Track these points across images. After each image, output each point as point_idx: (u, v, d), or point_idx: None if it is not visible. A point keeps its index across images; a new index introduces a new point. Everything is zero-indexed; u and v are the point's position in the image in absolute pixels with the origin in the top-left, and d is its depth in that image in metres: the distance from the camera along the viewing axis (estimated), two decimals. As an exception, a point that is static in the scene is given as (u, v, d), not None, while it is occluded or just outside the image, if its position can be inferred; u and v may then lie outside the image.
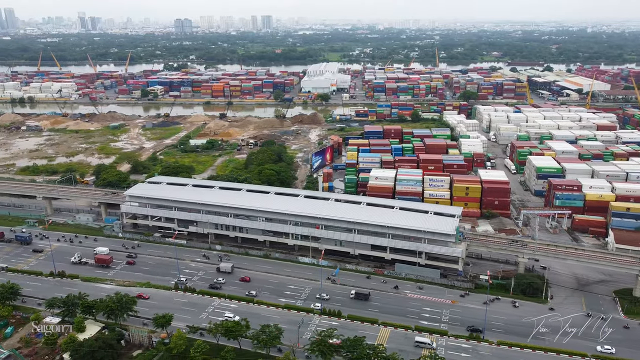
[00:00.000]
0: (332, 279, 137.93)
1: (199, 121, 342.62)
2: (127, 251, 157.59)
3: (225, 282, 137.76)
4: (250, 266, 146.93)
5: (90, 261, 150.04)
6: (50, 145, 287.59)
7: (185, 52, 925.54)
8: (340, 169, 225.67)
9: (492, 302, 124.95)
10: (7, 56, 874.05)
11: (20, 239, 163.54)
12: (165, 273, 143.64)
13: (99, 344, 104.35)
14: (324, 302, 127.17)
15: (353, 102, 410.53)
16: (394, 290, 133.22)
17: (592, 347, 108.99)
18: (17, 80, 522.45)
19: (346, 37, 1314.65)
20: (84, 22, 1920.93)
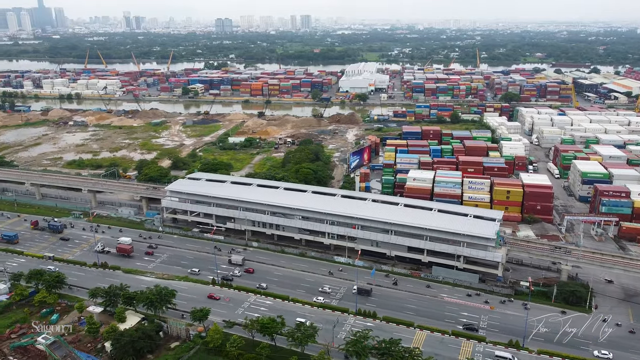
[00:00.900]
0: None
1: (238, 119, 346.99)
2: (147, 241, 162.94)
3: (241, 275, 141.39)
4: (279, 262, 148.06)
5: (113, 250, 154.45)
6: (95, 140, 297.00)
7: (225, 51, 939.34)
8: (377, 170, 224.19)
9: (529, 309, 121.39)
10: (56, 54, 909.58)
11: (53, 227, 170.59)
12: (203, 267, 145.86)
13: (139, 335, 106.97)
14: (326, 296, 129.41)
15: (391, 103, 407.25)
16: (428, 291, 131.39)
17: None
18: (65, 77, 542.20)
19: (385, 37, 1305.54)
20: (128, 22, 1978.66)
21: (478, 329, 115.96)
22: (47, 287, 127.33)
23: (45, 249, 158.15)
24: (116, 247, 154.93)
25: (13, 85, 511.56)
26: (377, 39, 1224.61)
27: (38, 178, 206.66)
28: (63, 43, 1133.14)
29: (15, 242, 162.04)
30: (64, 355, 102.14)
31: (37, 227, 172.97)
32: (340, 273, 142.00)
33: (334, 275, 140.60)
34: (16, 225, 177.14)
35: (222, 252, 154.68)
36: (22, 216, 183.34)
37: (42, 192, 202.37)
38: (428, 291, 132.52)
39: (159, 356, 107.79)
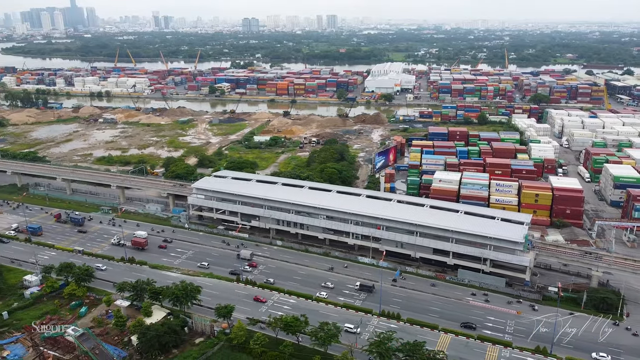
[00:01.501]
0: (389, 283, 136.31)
1: (263, 118, 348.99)
2: (162, 235, 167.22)
3: (252, 271, 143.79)
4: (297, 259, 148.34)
5: (128, 243, 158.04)
6: (124, 137, 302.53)
7: (251, 50, 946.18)
8: (402, 170, 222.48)
9: (562, 317, 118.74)
10: (87, 52, 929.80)
11: (74, 220, 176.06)
12: (228, 265, 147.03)
13: (165, 329, 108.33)
14: (329, 291, 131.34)
15: (417, 103, 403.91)
16: (453, 293, 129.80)
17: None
18: (96, 75, 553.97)
19: (411, 37, 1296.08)
20: (157, 21, 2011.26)
21: (476, 327, 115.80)
22: (76, 280, 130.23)
23: (64, 241, 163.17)
24: (131, 240, 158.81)
25: (46, 83, 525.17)
26: (404, 39, 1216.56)
27: (69, 173, 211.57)
28: (94, 42, 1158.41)
29: (39, 234, 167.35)
30: (92, 347, 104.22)
31: (60, 220, 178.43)
32: (368, 275, 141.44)
33: (359, 275, 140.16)
34: (41, 217, 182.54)
35: (231, 247, 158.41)
36: (45, 209, 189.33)
37: (72, 188, 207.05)
38: (453, 294, 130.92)
39: (184, 351, 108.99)
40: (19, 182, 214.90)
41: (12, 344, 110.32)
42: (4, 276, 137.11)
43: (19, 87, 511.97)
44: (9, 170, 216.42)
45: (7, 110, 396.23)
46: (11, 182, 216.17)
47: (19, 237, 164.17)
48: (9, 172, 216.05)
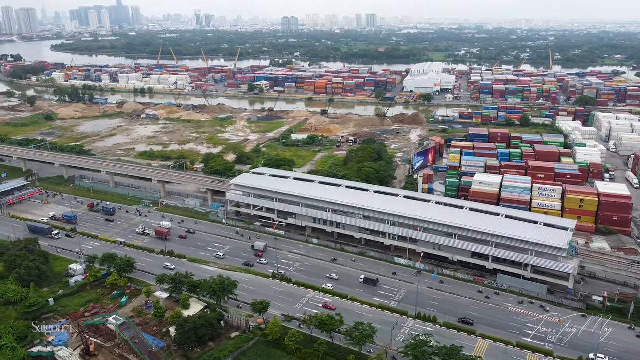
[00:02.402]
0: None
1: (301, 116, 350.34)
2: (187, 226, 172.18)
3: (267, 262, 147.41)
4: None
5: (152, 233, 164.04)
6: (165, 133, 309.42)
7: (290, 49, 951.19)
8: (441, 172, 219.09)
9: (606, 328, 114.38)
10: (132, 50, 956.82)
11: (106, 210, 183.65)
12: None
13: (202, 322, 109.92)
14: (333, 282, 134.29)
15: (457, 104, 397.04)
16: (492, 298, 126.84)
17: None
18: (139, 72, 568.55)
19: (452, 37, 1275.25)
20: (199, 20, 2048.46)
21: (473, 323, 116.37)
22: (118, 270, 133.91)
23: (93, 229, 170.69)
24: (155, 230, 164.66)
25: (92, 79, 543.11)
26: (444, 39, 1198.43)
27: (113, 167, 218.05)
28: (138, 40, 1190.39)
29: (74, 222, 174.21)
30: (132, 336, 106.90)
31: (93, 209, 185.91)
32: (404, 276, 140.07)
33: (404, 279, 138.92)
34: (77, 207, 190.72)
35: (244, 238, 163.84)
36: (79, 199, 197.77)
37: (116, 181, 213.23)
38: (492, 299, 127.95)
39: (220, 345, 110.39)
40: (66, 174, 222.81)
41: (58, 330, 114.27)
42: (50, 264, 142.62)
43: (67, 82, 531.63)
44: (57, 163, 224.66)
45: (55, 105, 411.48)
46: (59, 174, 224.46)
47: (65, 227, 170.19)
48: (57, 164, 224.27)
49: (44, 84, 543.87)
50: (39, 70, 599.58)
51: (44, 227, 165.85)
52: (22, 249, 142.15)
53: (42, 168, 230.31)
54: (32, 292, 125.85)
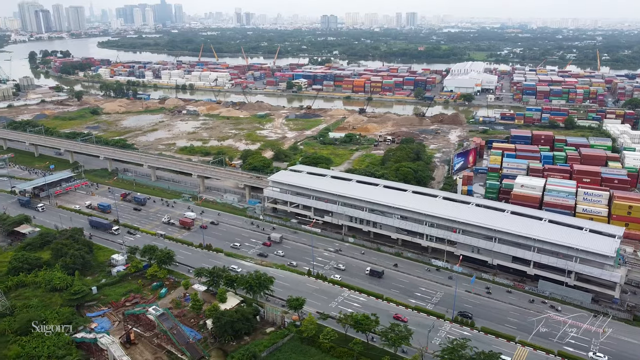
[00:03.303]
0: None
1: (339, 115, 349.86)
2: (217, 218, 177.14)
3: (284, 254, 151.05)
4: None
5: (177, 223, 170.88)
6: (205, 129, 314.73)
7: (329, 47, 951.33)
8: (481, 173, 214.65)
9: None
10: (174, 47, 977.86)
11: (137, 200, 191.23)
12: (299, 258, 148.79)
13: (238, 316, 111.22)
14: (340, 273, 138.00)
15: (498, 104, 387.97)
16: (532, 305, 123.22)
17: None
18: (181, 68, 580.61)
19: (494, 36, 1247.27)
20: (239, 18, 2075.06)
21: (472, 317, 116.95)
22: (158, 262, 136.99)
23: (124, 218, 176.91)
24: (179, 220, 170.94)
25: (136, 75, 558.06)
26: (486, 38, 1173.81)
27: (154, 161, 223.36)
28: (180, 37, 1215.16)
29: (108, 212, 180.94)
30: (170, 327, 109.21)
31: (125, 199, 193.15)
32: (441, 278, 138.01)
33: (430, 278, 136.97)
34: (109, 196, 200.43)
35: (259, 229, 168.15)
36: (112, 189, 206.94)
37: (157, 175, 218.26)
38: (532, 306, 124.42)
39: (255, 339, 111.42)
40: (110, 167, 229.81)
41: (100, 318, 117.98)
42: (94, 254, 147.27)
43: (112, 78, 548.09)
44: (102, 156, 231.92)
45: (101, 100, 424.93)
46: (103, 167, 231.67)
47: (108, 218, 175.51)
48: (102, 157, 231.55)
49: (90, 79, 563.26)
50: (86, 66, 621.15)
51: (105, 222, 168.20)
52: (68, 238, 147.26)
53: (87, 160, 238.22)
54: (76, 280, 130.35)
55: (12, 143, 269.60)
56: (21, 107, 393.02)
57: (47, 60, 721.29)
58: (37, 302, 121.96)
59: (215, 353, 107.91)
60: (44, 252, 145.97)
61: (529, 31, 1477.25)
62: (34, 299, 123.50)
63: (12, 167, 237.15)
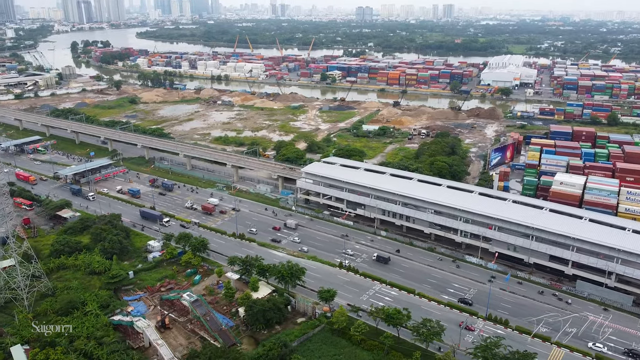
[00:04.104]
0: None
1: (373, 107, 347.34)
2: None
3: (300, 241, 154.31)
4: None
5: (199, 208, 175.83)
6: (239, 119, 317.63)
7: (364, 39, 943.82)
8: (518, 169, 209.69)
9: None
10: (210, 38, 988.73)
11: (165, 186, 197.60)
12: (331, 250, 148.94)
13: (270, 305, 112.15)
14: (348, 258, 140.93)
15: (537, 99, 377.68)
16: (570, 306, 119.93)
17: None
18: (216, 59, 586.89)
19: (534, 29, 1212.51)
20: (274, 9, 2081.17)
21: (472, 304, 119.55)
22: (192, 249, 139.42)
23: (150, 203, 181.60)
24: (201, 205, 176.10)
25: (173, 65, 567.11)
26: (525, 31, 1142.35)
27: (190, 150, 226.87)
28: (216, 28, 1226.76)
29: (137, 197, 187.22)
30: (204, 313, 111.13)
31: (154, 185, 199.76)
32: (475, 275, 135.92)
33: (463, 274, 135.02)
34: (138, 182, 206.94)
35: (276, 217, 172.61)
36: (140, 175, 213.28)
37: (192, 164, 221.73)
38: (569, 307, 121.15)
39: (286, 329, 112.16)
40: (147, 155, 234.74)
41: (136, 302, 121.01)
42: (131, 239, 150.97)
43: (150, 68, 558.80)
44: (139, 144, 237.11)
45: (139, 89, 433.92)
46: (140, 155, 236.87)
47: (144, 204, 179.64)
48: (139, 145, 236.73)
49: (129, 69, 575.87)
50: (125, 56, 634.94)
51: (155, 214, 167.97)
52: (107, 224, 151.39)
53: (125, 148, 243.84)
54: (114, 264, 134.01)
55: (54, 130, 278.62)
56: (63, 96, 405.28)
57: (88, 50, 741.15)
58: (77, 284, 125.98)
59: (246, 341, 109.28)
60: (83, 237, 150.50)
61: (572, 24, 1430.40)
62: (74, 281, 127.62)
63: (54, 153, 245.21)
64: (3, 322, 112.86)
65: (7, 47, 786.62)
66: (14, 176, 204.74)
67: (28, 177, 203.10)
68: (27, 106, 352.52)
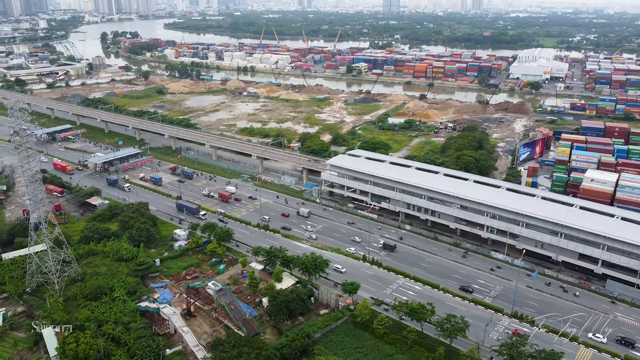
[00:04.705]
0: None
1: (399, 100, 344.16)
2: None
3: (313, 229, 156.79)
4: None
5: (216, 195, 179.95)
6: (264, 110, 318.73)
7: (390, 31, 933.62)
8: (547, 165, 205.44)
9: None
10: (236, 29, 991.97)
11: (185, 174, 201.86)
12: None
13: (293, 296, 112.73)
14: (355, 245, 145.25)
15: (568, 93, 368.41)
16: (599, 305, 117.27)
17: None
18: (242, 50, 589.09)
19: (566, 22, 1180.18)
20: (300, 1, 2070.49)
21: (473, 291, 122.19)
22: (217, 239, 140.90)
23: (170, 190, 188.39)
24: (218, 193, 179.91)
25: (200, 56, 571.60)
26: (557, 24, 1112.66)
27: (216, 141, 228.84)
28: (242, 19, 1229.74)
29: (159, 184, 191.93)
30: (228, 302, 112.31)
31: (174, 173, 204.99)
32: (500, 272, 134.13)
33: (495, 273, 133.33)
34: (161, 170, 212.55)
35: (288, 204, 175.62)
36: (162, 163, 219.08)
37: (218, 154, 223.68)
38: (598, 305, 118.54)
39: (309, 320, 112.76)
40: (174, 145, 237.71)
41: (162, 289, 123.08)
42: (158, 227, 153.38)
43: (177, 59, 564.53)
44: (167, 134, 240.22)
45: (166, 80, 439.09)
46: (167, 145, 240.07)
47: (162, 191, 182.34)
48: (167, 135, 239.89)
49: (156, 59, 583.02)
50: (153, 47, 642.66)
51: (192, 207, 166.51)
52: (135, 212, 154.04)
53: (152, 138, 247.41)
54: (141, 251, 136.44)
55: (84, 119, 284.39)
56: (93, 85, 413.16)
57: (117, 40, 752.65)
58: (105, 270, 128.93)
59: (270, 331, 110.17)
60: (112, 224, 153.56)
61: (605, 16, 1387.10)
62: (103, 267, 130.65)
63: (83, 141, 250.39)
64: (35, 305, 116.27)
65: (40, 38, 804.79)
66: (51, 165, 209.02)
67: (65, 167, 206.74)
68: (59, 95, 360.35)
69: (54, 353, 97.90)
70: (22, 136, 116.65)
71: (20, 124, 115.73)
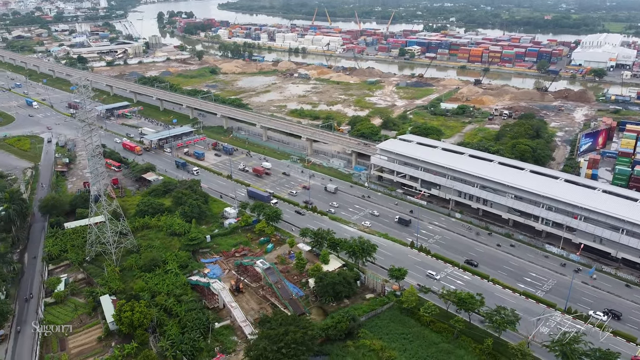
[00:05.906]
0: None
1: (452, 85, 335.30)
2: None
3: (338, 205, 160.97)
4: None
5: (250, 170, 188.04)
6: (315, 92, 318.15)
7: (445, 13, 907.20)
8: (608, 157, 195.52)
9: None
10: (288, 10, 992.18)
11: (226, 149, 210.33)
12: (402, 229, 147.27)
13: (340, 279, 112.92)
14: (372, 219, 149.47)
15: (636, 82, 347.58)
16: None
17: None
18: (294, 32, 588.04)
19: (635, 5, 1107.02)
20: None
21: (477, 265, 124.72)
22: (266, 218, 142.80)
23: (213, 165, 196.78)
24: (253, 168, 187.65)
25: (252, 37, 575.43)
26: (625, 7, 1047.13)
27: (266, 122, 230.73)
28: (295, 0, 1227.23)
29: (202, 159, 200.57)
30: (275, 281, 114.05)
31: (215, 148, 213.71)
32: (555, 266, 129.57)
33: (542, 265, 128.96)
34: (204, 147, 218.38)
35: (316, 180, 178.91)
36: (207, 140, 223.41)
37: (268, 135, 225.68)
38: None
39: (354, 303, 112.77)
40: (225, 124, 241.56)
41: (212, 264, 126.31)
42: (209, 205, 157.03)
43: (230, 39, 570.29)
44: (219, 113, 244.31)
45: (219, 60, 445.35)
46: (219, 124, 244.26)
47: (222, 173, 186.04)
48: (219, 114, 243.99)
49: (210, 39, 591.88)
50: (207, 27, 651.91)
51: (264, 195, 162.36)
52: (187, 188, 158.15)
53: (205, 117, 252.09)
54: (193, 227, 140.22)
55: (141, 97, 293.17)
56: (149, 64, 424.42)
57: (173, 20, 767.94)
58: (159, 243, 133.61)
59: (315, 311, 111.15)
60: (165, 199, 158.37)
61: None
62: (157, 241, 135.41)
63: (140, 118, 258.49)
64: (94, 274, 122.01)
65: (100, 17, 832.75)
66: (121, 146, 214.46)
67: (134, 147, 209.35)
68: (117, 73, 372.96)
69: (110, 319, 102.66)
70: (85, 111, 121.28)
71: (84, 100, 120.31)
